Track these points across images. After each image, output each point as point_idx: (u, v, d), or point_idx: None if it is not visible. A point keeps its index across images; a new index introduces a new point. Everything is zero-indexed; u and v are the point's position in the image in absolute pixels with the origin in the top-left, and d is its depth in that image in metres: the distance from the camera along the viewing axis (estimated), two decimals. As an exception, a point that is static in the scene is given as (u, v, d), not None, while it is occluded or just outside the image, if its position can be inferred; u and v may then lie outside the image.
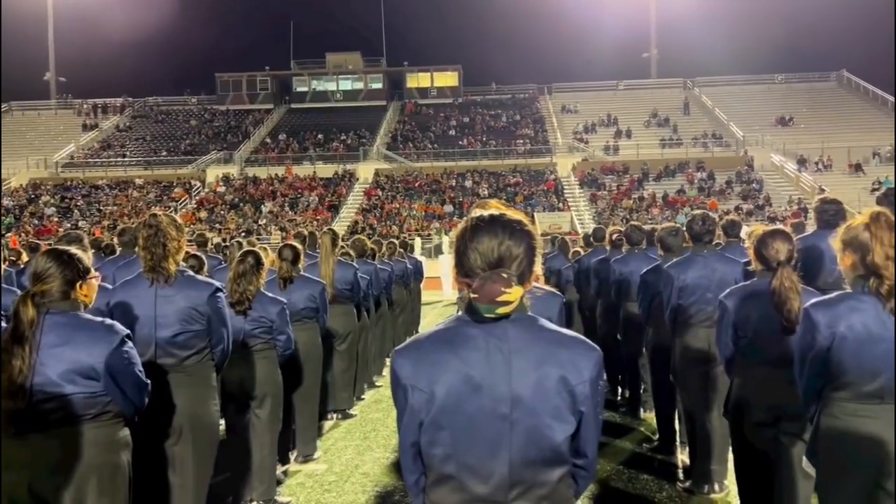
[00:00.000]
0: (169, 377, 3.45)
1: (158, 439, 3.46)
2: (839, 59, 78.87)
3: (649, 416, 6.43)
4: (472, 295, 1.67)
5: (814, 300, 2.85)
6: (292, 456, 5.53)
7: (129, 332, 2.78)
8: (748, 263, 4.00)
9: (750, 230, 5.76)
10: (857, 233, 2.72)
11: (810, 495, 3.44)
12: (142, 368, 2.83)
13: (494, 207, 1.80)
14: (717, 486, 4.66)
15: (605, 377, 6.87)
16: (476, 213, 1.78)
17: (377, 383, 8.41)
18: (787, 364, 3.02)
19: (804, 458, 2.93)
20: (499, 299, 1.64)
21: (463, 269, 1.73)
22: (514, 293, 1.64)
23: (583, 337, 1.78)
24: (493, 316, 1.66)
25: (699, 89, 48.16)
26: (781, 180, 35.79)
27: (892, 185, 4.99)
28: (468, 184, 37.21)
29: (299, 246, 5.48)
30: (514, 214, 1.77)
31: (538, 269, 1.80)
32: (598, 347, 1.76)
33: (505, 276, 1.65)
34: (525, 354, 1.69)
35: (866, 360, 2.66)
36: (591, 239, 8.95)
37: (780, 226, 3.83)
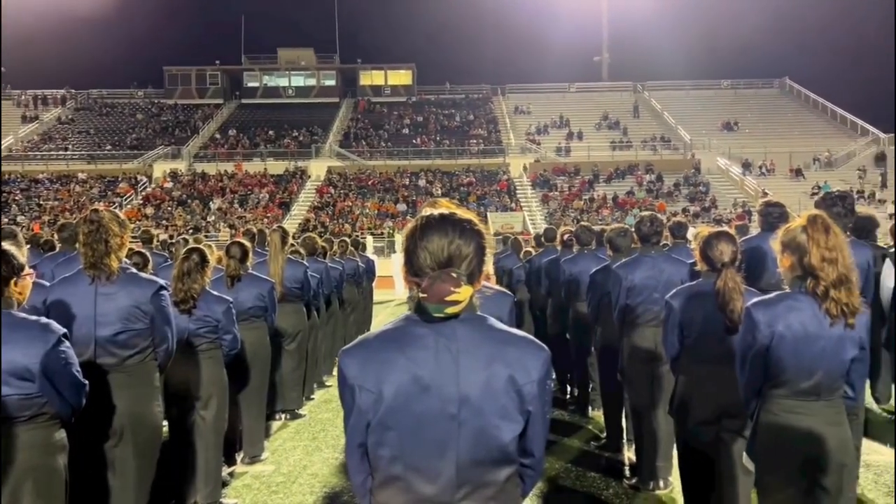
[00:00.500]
0: (109, 377, 3.34)
1: (98, 441, 3.35)
2: (782, 67, 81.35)
3: (597, 414, 6.52)
4: (420, 294, 1.66)
5: (754, 300, 2.93)
6: (239, 457, 5.44)
7: (65, 331, 2.69)
8: (694, 264, 4.08)
9: (696, 232, 5.89)
10: (794, 235, 2.80)
11: (750, 490, 3.53)
12: (79, 369, 2.74)
13: (445, 206, 1.79)
14: (661, 483, 4.75)
15: (553, 376, 6.95)
16: (426, 211, 1.76)
17: (327, 383, 8.33)
18: (731, 363, 3.09)
19: (744, 453, 3.01)
20: (448, 299, 1.62)
21: (412, 268, 1.71)
22: (464, 293, 1.64)
23: (531, 337, 1.78)
24: (441, 315, 1.65)
25: (649, 93, 49.12)
26: (727, 183, 36.77)
27: (831, 190, 5.15)
28: (422, 183, 37.19)
29: (247, 243, 5.39)
30: (464, 213, 1.76)
31: (488, 268, 1.79)
32: (546, 347, 1.77)
33: (454, 275, 1.64)
34: (473, 354, 1.68)
35: (803, 358, 2.74)
36: (543, 239, 9.02)
37: (725, 228, 3.92)
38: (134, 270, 3.53)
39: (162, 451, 3.66)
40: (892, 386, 6.60)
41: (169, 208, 34.51)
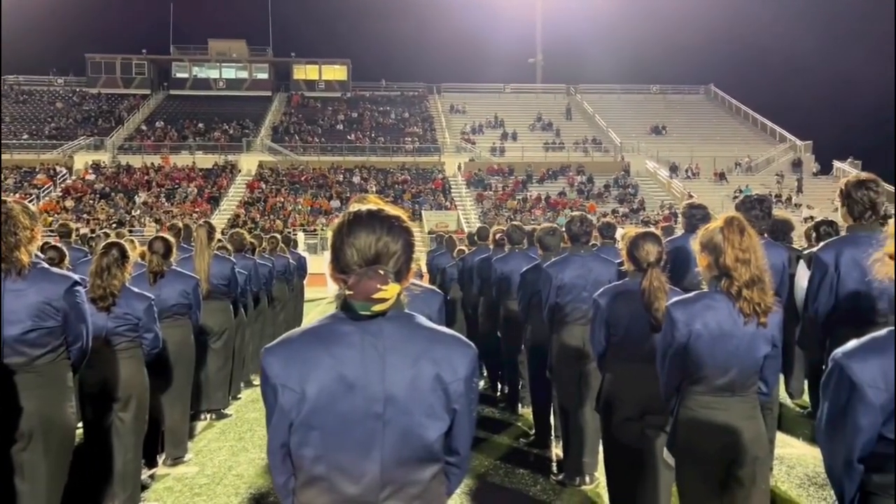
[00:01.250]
0: (17, 378, 3.16)
1: (5, 444, 3.17)
2: (708, 75, 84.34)
3: (527, 411, 6.59)
4: (347, 292, 1.63)
5: (674, 299, 3.02)
6: (160, 459, 5.26)
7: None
8: (621, 264, 4.17)
9: (623, 232, 6.03)
10: (711, 236, 2.90)
11: (671, 484, 3.62)
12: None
13: (373, 202, 1.76)
14: (588, 479, 4.83)
15: (485, 374, 6.98)
16: (354, 207, 1.73)
17: (255, 382, 8.14)
18: (655, 361, 3.16)
19: (665, 449, 3.09)
20: (374, 296, 1.60)
21: (339, 265, 1.68)
22: (391, 290, 1.61)
23: (458, 335, 1.77)
24: (368, 313, 1.63)
25: (581, 96, 50.11)
26: (655, 186, 37.87)
27: (751, 193, 5.35)
28: (356, 179, 36.90)
29: (171, 239, 5.21)
30: (392, 210, 1.73)
31: (417, 266, 1.77)
32: (473, 345, 1.76)
33: (381, 272, 1.62)
34: (400, 352, 1.66)
35: (719, 355, 2.84)
36: (475, 238, 9.08)
37: (652, 229, 4.01)
38: (46, 265, 3.35)
39: (77, 454, 3.50)
40: (805, 382, 6.91)
41: (91, 201, 33.17)
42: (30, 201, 27.26)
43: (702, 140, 42.36)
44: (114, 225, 27.39)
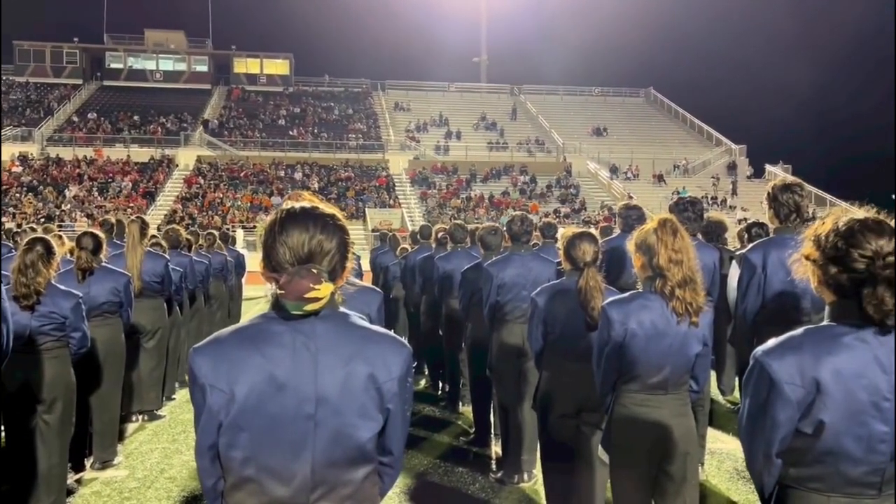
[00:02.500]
0: (-69, 380, 3.00)
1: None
2: (648, 78, 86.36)
3: (467, 409, 6.61)
4: (279, 291, 1.59)
5: (610, 299, 3.07)
6: (88, 462, 5.08)
7: None
8: (560, 263, 4.22)
9: (561, 232, 6.10)
10: (646, 237, 2.96)
11: (606, 481, 3.69)
12: None
13: (308, 200, 1.73)
14: (526, 476, 4.87)
15: (426, 372, 6.96)
16: (287, 204, 1.69)
17: (191, 382, 7.95)
18: (591, 359, 3.21)
19: (599, 446, 3.14)
20: (307, 296, 1.57)
21: (270, 263, 1.64)
22: (324, 290, 1.58)
23: (392, 334, 1.76)
24: (300, 313, 1.59)
25: (525, 96, 50.66)
26: (596, 186, 38.57)
27: (686, 195, 5.50)
28: (298, 176, 36.42)
29: (101, 234, 5.03)
30: (327, 208, 1.70)
31: (353, 264, 1.75)
32: (407, 344, 1.75)
33: (315, 271, 1.59)
34: (333, 352, 1.64)
35: (652, 354, 2.90)
36: (418, 236, 9.07)
37: (589, 229, 4.08)
38: (-36, 261, 3.19)
39: (-3, 459, 3.35)
40: (736, 379, 7.13)
41: (17, 195, 31.79)
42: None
43: (642, 142, 43.36)
44: (42, 220, 26.32)
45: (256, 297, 16.97)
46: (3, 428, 4.10)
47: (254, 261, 16.79)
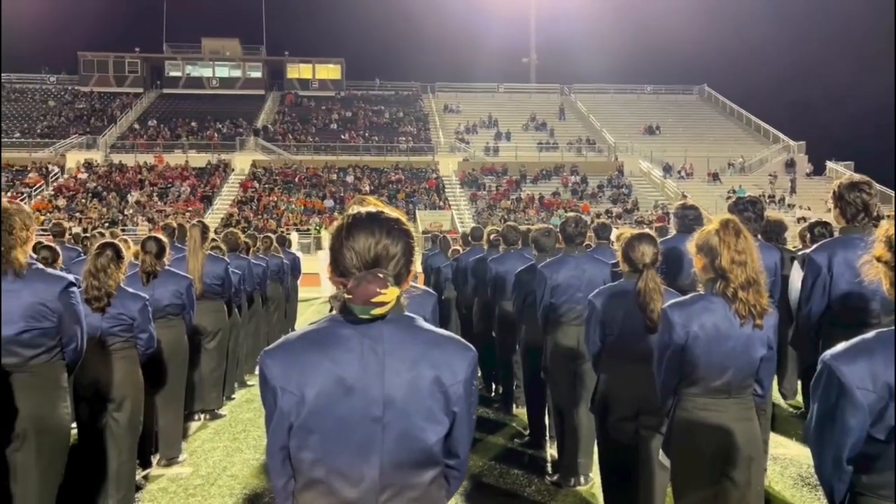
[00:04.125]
0: (12, 378, 3.15)
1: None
2: (702, 75, 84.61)
3: (521, 411, 6.60)
4: (346, 295, 1.62)
5: (671, 301, 3.03)
6: (154, 459, 5.25)
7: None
8: (616, 265, 4.18)
9: (618, 233, 6.04)
10: (707, 238, 2.91)
11: (666, 485, 3.64)
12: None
13: (372, 204, 1.76)
14: (582, 479, 4.84)
15: (479, 374, 6.97)
16: (353, 210, 1.72)
17: (249, 382, 8.13)
18: (650, 361, 3.18)
19: (660, 450, 3.10)
20: (374, 300, 1.59)
21: (338, 268, 1.67)
22: (390, 294, 1.61)
23: (458, 337, 1.77)
24: (367, 317, 1.62)
25: (575, 96, 50.20)
26: (648, 186, 37.97)
27: (744, 194, 5.38)
28: (349, 179, 36.85)
29: (165, 238, 5.19)
30: (392, 212, 1.73)
31: (416, 268, 1.77)
32: (472, 348, 1.76)
33: (381, 276, 1.61)
34: (399, 355, 1.66)
35: (715, 357, 2.85)
36: (470, 238, 9.08)
37: (646, 229, 4.03)
38: (40, 266, 3.34)
39: (71, 455, 3.48)
40: (798, 382, 6.94)
41: (83, 200, 33.02)
42: (22, 200, 27.11)
43: (695, 140, 42.51)
44: (106, 224, 27.27)
45: (310, 298, 17.26)
46: (75, 426, 4.26)
47: (308, 263, 17.04)
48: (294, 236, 24.90)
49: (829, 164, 39.71)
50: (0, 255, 3.09)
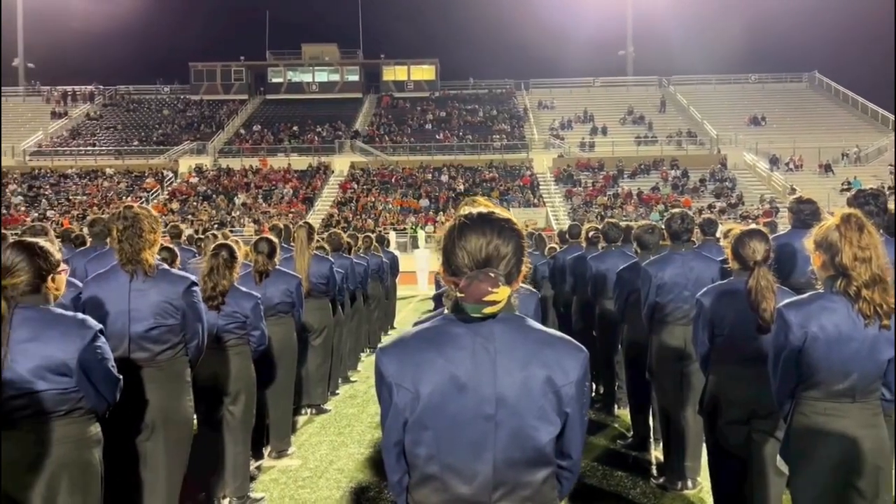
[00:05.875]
0: (142, 372, 3.38)
1: (130, 435, 3.40)
2: (811, 61, 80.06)
3: (623, 412, 6.48)
4: (458, 294, 1.65)
5: (787, 300, 2.88)
6: (266, 451, 5.48)
7: (101, 326, 2.72)
8: (724, 262, 4.03)
9: (726, 229, 5.81)
10: (828, 233, 2.76)
11: (782, 492, 3.48)
12: (114, 364, 2.77)
13: (483, 205, 1.78)
14: (690, 483, 4.71)
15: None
16: (464, 210, 1.75)
17: (352, 378, 8.36)
18: (762, 362, 3.05)
19: (778, 456, 2.97)
20: (486, 299, 1.61)
21: (450, 267, 1.71)
22: (502, 293, 1.62)
23: (569, 337, 1.77)
24: (479, 315, 1.64)
25: (674, 87, 48.62)
26: (754, 179, 36.29)
27: (862, 186, 5.06)
28: (444, 178, 37.18)
29: (275, 239, 5.42)
30: (502, 213, 1.74)
31: (526, 268, 1.78)
32: (584, 348, 1.75)
33: (492, 275, 1.63)
34: (511, 354, 1.67)
35: (836, 359, 2.70)
36: (567, 236, 8.99)
37: (754, 225, 3.87)
38: (166, 266, 3.57)
39: (192, 445, 3.70)
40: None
41: (194, 203, 34.85)
42: (140, 204, 28.94)
43: (805, 130, 40.27)
44: (215, 226, 28.69)
45: (408, 296, 17.55)
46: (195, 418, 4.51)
47: (405, 262, 17.30)
48: (392, 235, 25.40)
49: (957, 152, 36.70)
50: (131, 257, 3.32)
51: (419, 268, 20.02)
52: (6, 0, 51.76)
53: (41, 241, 2.75)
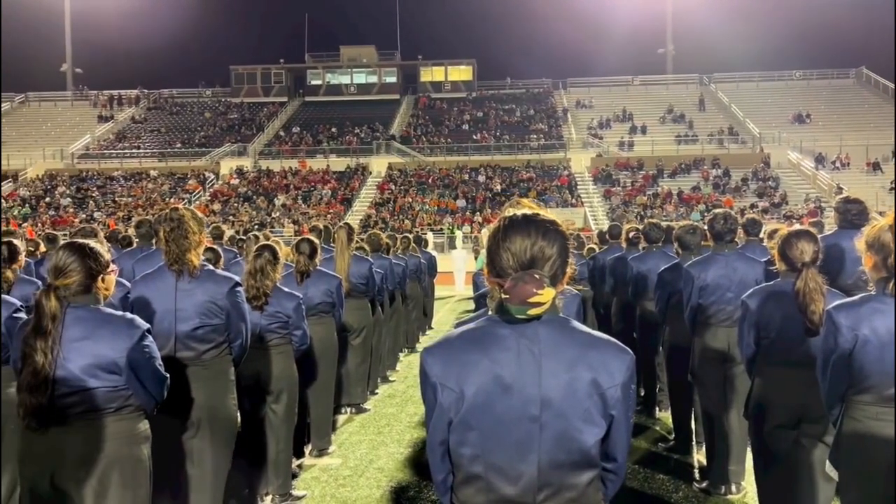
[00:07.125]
0: (188, 371, 3.45)
1: (177, 432, 3.47)
2: (859, 56, 77.95)
3: (664, 415, 6.39)
4: (503, 295, 1.65)
5: (836, 302, 2.82)
6: (307, 450, 5.55)
7: (148, 326, 2.79)
8: (769, 263, 3.96)
9: (770, 229, 5.70)
10: (880, 234, 2.69)
11: (831, 498, 3.41)
12: (161, 362, 2.83)
13: (527, 207, 1.78)
14: (734, 487, 4.63)
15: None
16: (509, 212, 1.75)
17: (391, 378, 8.41)
18: (810, 365, 2.99)
19: (827, 461, 2.90)
20: (530, 300, 1.61)
21: (495, 268, 1.71)
22: (546, 294, 1.62)
23: (614, 340, 1.76)
24: (524, 317, 1.64)
25: (715, 85, 47.82)
26: (798, 178, 35.48)
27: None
28: (481, 178, 37.14)
29: (316, 240, 5.47)
30: (547, 215, 1.74)
31: (573, 269, 1.77)
32: (630, 351, 1.74)
33: (537, 276, 1.63)
34: (556, 356, 1.67)
35: (889, 363, 2.62)
36: (607, 236, 8.90)
37: (799, 225, 3.79)
38: (211, 267, 3.63)
39: (235, 443, 3.76)
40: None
41: (235, 204, 35.41)
42: (185, 205, 29.50)
43: (852, 127, 39.21)
44: (256, 226, 29.11)
45: (445, 297, 17.58)
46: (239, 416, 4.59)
47: (442, 262, 17.32)
48: (429, 236, 25.46)
49: None
50: (177, 257, 3.39)
51: (456, 268, 20.03)
52: (54, 6, 53.31)
53: (91, 243, 2.82)
